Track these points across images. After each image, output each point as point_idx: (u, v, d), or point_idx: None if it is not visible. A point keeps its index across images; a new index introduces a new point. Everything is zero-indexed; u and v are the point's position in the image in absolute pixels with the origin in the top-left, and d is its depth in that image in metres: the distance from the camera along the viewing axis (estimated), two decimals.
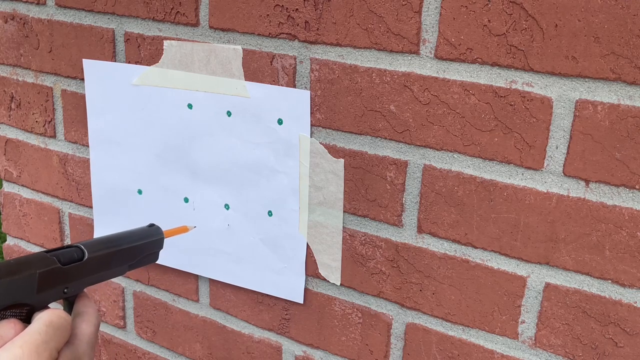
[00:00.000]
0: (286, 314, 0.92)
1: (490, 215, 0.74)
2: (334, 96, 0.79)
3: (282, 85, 0.82)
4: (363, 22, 0.75)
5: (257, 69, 0.83)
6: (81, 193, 1.07)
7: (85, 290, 0.60)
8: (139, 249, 0.66)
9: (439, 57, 0.72)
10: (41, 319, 0.53)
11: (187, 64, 0.88)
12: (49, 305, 0.55)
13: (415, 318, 0.82)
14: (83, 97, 1.00)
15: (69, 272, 0.57)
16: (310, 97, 0.81)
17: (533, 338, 0.75)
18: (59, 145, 1.07)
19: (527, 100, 0.69)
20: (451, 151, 0.74)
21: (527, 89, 0.69)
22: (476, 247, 0.76)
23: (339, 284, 0.86)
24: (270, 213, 0.87)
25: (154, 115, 0.92)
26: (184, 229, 0.77)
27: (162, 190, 0.96)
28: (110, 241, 0.63)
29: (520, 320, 0.75)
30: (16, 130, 1.11)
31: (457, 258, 0.77)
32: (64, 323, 0.54)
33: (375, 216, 0.81)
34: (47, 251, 0.57)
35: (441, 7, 0.70)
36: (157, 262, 0.70)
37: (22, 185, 1.14)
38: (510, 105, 0.70)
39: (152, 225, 0.69)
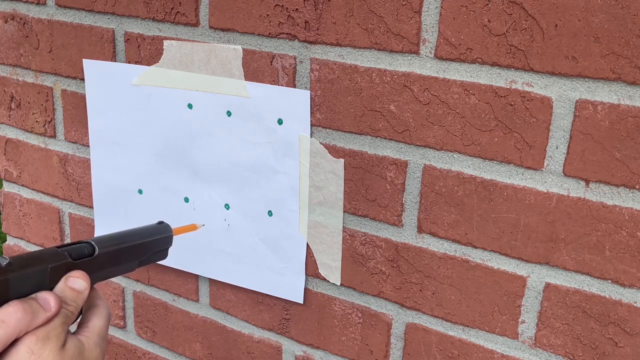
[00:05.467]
0: (286, 314, 0.92)
1: (490, 215, 0.74)
2: (334, 96, 0.79)
3: (282, 85, 0.82)
4: (363, 22, 0.75)
5: (257, 69, 0.83)
6: (81, 193, 1.07)
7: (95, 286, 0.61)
8: (148, 246, 0.67)
9: (439, 57, 0.72)
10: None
11: (187, 64, 0.88)
12: None
13: (415, 318, 0.82)
14: (83, 97, 1.00)
15: (79, 267, 0.58)
16: (310, 97, 0.81)
17: (533, 338, 0.75)
18: (59, 145, 1.07)
19: (527, 100, 0.69)
20: (451, 151, 0.74)
21: (527, 89, 0.69)
22: (476, 247, 0.76)
23: (339, 284, 0.86)
24: (270, 213, 0.87)
25: (154, 115, 0.92)
26: (193, 227, 0.78)
27: (163, 190, 0.96)
28: (120, 237, 0.65)
29: (520, 320, 0.75)
30: (16, 130, 1.11)
31: (457, 258, 0.77)
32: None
33: (375, 216, 0.81)
34: (59, 247, 0.58)
35: (441, 7, 0.70)
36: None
37: (22, 185, 1.14)
38: (510, 105, 0.70)
39: (161, 222, 0.71)
